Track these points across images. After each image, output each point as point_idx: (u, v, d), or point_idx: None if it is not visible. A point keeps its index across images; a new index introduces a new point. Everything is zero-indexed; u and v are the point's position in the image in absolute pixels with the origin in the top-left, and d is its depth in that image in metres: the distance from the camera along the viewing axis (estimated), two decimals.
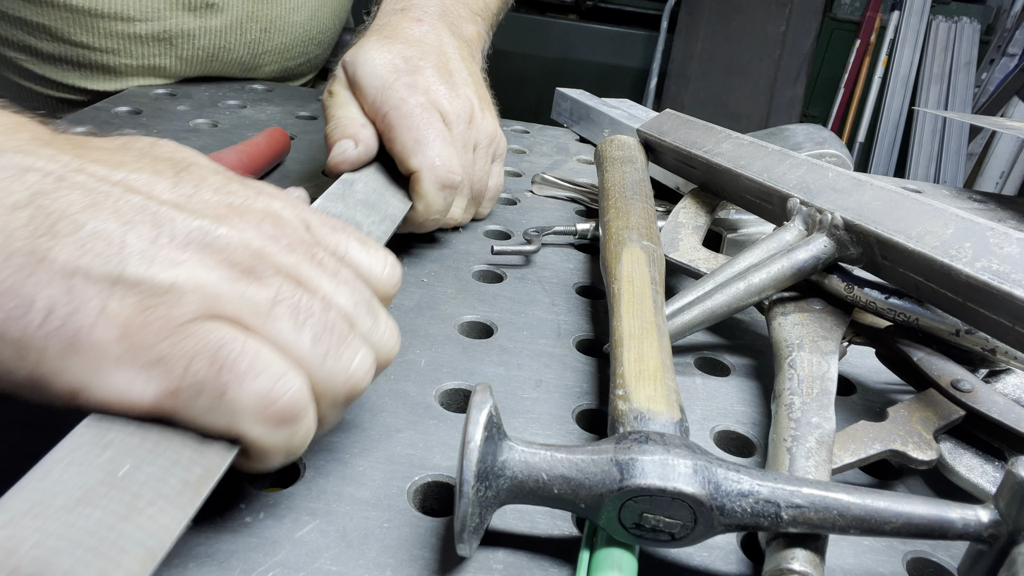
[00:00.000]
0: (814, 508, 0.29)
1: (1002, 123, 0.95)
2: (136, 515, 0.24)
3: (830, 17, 3.16)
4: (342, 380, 0.30)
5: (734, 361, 0.49)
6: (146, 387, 0.27)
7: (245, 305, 0.28)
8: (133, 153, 0.32)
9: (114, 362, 0.27)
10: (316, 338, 0.30)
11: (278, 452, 0.29)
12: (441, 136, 0.53)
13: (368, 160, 0.54)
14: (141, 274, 0.27)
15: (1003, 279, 0.36)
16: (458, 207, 0.58)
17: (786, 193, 0.48)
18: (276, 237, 0.31)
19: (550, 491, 0.30)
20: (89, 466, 0.25)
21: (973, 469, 0.37)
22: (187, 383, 0.27)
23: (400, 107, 0.52)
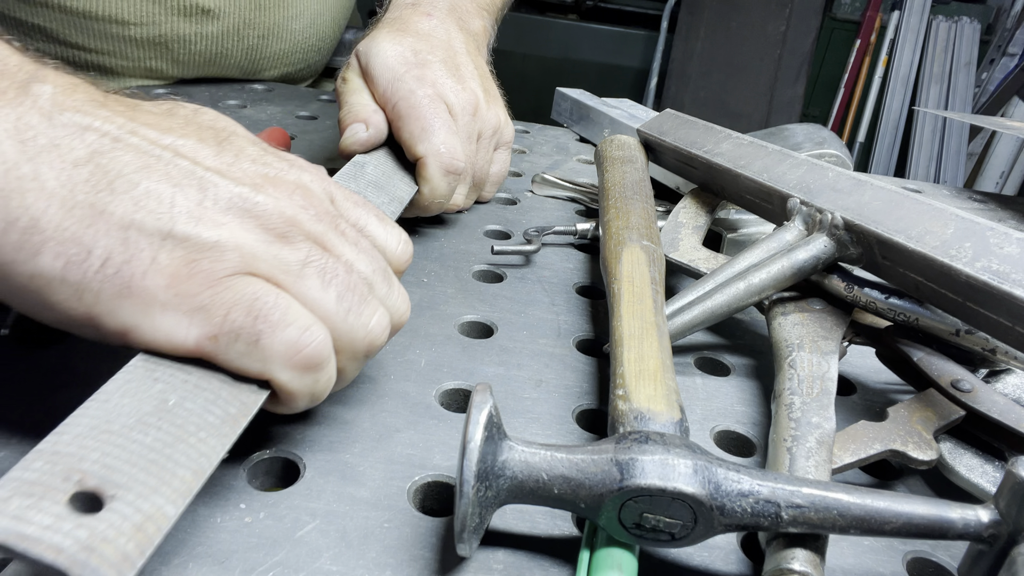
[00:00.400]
0: (814, 508, 0.29)
1: (1002, 123, 0.95)
2: (183, 441, 0.28)
3: (830, 17, 3.16)
4: (362, 335, 0.34)
5: (734, 361, 0.49)
6: (189, 331, 0.31)
7: (278, 265, 0.32)
8: (179, 119, 0.35)
9: (161, 307, 0.30)
10: (340, 296, 0.33)
11: (303, 396, 0.33)
12: (446, 126, 0.56)
13: (378, 143, 0.57)
14: (188, 232, 0.31)
15: (1003, 279, 0.36)
16: (460, 193, 0.62)
17: (786, 193, 0.48)
18: (305, 207, 0.34)
19: (550, 491, 0.30)
20: (142, 397, 0.29)
21: (973, 469, 0.37)
22: (226, 329, 0.31)
23: (409, 98, 0.56)
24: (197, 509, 0.32)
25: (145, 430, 0.28)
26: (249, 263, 0.32)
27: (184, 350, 0.31)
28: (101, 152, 0.31)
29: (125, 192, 0.30)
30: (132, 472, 0.26)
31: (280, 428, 0.38)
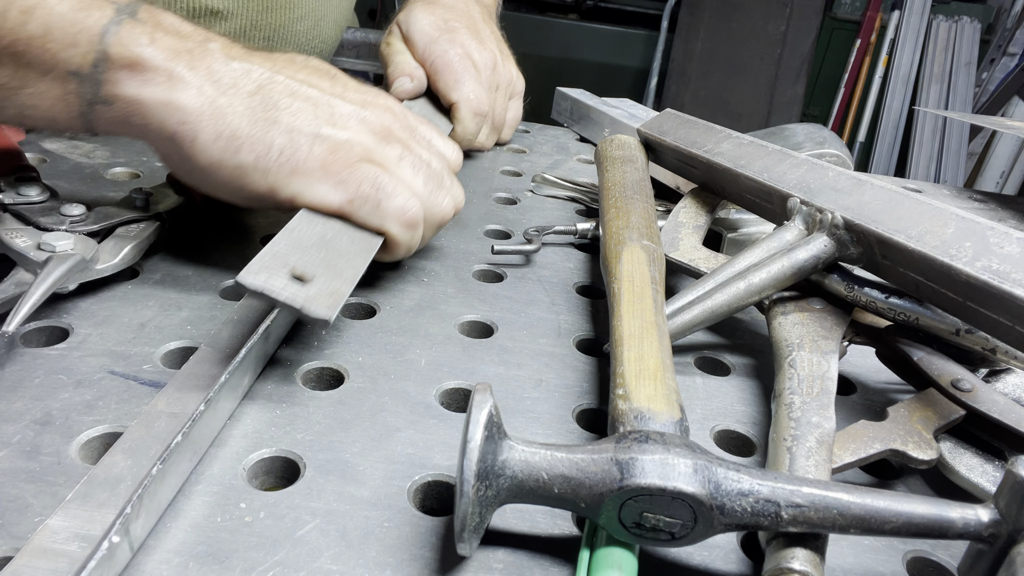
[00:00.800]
0: (814, 507, 0.29)
1: (1002, 123, 0.94)
2: (341, 257, 0.45)
3: (830, 17, 3.16)
4: (439, 210, 0.51)
5: (734, 361, 0.49)
6: (335, 196, 0.47)
7: (387, 156, 0.49)
8: (299, 64, 0.51)
9: (317, 180, 0.47)
10: (425, 182, 0.50)
11: (403, 246, 0.50)
12: (474, 78, 0.72)
13: (420, 92, 0.73)
14: (330, 133, 0.48)
15: (1003, 278, 0.36)
16: (484, 133, 0.77)
17: (786, 192, 0.48)
18: (394, 122, 0.52)
19: (550, 490, 0.30)
20: (312, 232, 0.45)
21: (973, 468, 0.37)
22: (358, 196, 0.47)
23: (443, 56, 0.72)
24: (197, 508, 0.32)
25: (319, 249, 0.44)
26: (369, 154, 0.48)
27: (331, 209, 0.47)
28: (263, 86, 0.47)
29: (285, 109, 0.47)
30: (319, 268, 0.42)
31: (280, 428, 0.38)
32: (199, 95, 0.45)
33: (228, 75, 0.46)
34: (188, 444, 0.33)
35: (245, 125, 0.45)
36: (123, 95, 0.44)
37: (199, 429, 0.34)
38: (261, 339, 0.41)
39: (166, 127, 0.45)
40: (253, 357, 0.40)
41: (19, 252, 0.44)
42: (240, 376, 0.38)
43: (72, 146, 0.70)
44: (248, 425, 0.38)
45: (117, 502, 0.29)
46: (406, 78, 0.72)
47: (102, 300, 0.46)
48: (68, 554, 0.27)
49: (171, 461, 0.31)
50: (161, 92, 0.44)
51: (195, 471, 0.34)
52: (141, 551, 0.30)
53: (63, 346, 0.42)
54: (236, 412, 0.38)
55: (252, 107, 0.46)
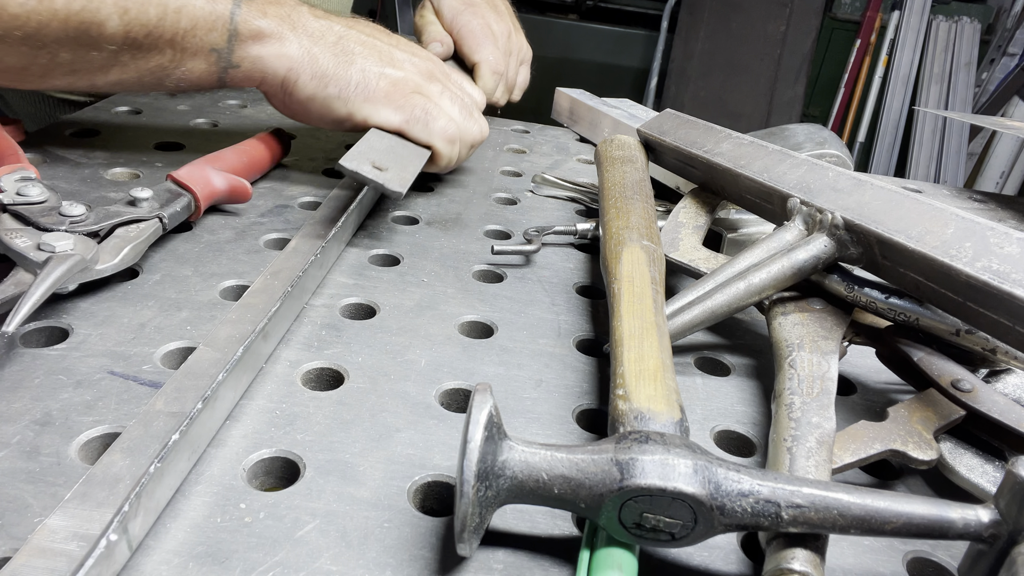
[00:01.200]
0: (814, 508, 0.29)
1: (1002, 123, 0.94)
2: (404, 158, 0.62)
3: (830, 17, 3.16)
4: (471, 133, 0.68)
5: (734, 361, 0.49)
6: (395, 117, 0.64)
7: (432, 90, 0.67)
8: (363, 24, 0.68)
9: (383, 105, 0.64)
10: (461, 110, 0.68)
11: (447, 158, 0.67)
12: (493, 43, 0.84)
13: (448, 55, 0.84)
14: (391, 72, 0.65)
15: (1003, 279, 0.36)
16: (500, 90, 0.86)
17: (786, 193, 0.48)
18: (434, 68, 0.69)
19: (550, 491, 0.30)
20: (382, 141, 0.62)
21: (973, 469, 0.37)
22: (413, 117, 0.64)
23: (468, 25, 0.83)
24: (197, 509, 0.32)
25: (390, 151, 0.61)
26: (419, 88, 0.65)
27: (393, 127, 0.64)
28: (341, 39, 0.64)
29: (358, 55, 0.64)
30: (391, 163, 0.59)
31: (280, 429, 0.38)
32: (299, 47, 0.62)
33: (317, 30, 0.63)
34: (186, 443, 0.33)
35: (331, 66, 0.63)
36: (249, 56, 0.61)
37: (197, 428, 0.34)
38: (259, 338, 0.41)
39: (279, 73, 0.62)
40: (251, 356, 0.40)
41: (19, 252, 0.44)
42: (238, 375, 0.38)
43: (71, 146, 0.70)
44: (248, 425, 0.38)
45: (115, 501, 0.29)
46: (437, 43, 0.83)
47: (102, 300, 0.46)
48: (67, 553, 0.27)
49: (169, 460, 0.31)
50: (275, 49, 0.62)
51: (195, 471, 0.34)
52: (141, 551, 0.30)
53: (63, 346, 0.42)
54: (236, 412, 0.38)
55: (336, 53, 0.63)
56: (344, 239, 0.58)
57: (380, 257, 0.57)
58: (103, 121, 0.78)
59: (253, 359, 0.40)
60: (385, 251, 0.58)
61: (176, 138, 0.75)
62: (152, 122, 0.79)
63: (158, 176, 0.65)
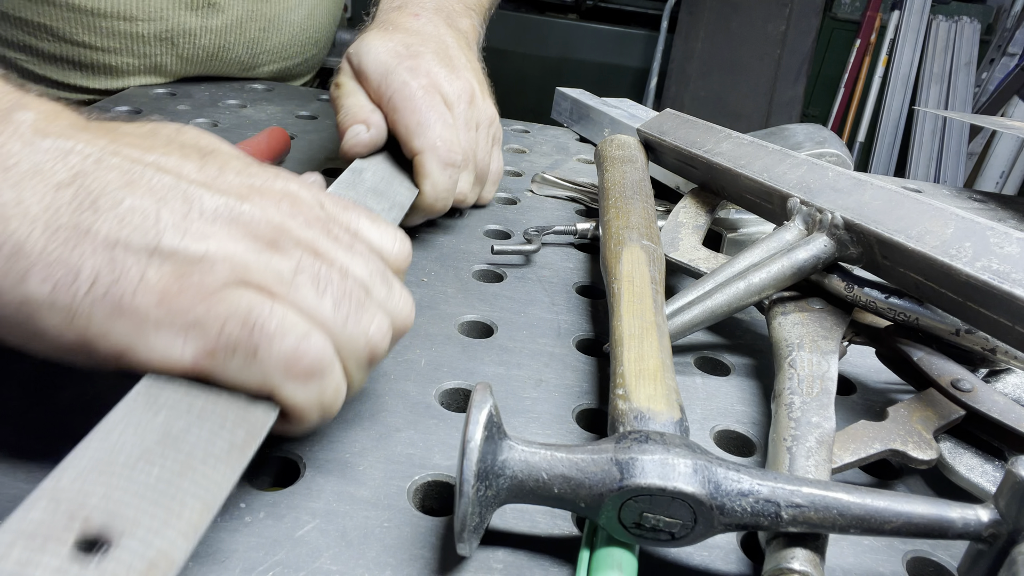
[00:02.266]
0: (814, 507, 0.29)
1: (1002, 123, 0.95)
2: (191, 472, 0.27)
3: (830, 17, 3.16)
4: (363, 343, 0.33)
5: (734, 361, 0.49)
6: (185, 348, 0.30)
7: (270, 274, 0.31)
8: (161, 139, 0.35)
9: (155, 325, 0.29)
10: (336, 303, 0.32)
11: (312, 409, 0.32)
12: (442, 118, 0.55)
13: (380, 143, 0.56)
14: (175, 245, 0.30)
15: (1003, 279, 0.36)
16: (465, 182, 0.60)
17: (786, 193, 0.48)
18: (294, 214, 0.33)
19: (550, 490, 0.30)
20: (145, 428, 0.28)
21: (973, 469, 0.37)
22: (222, 343, 0.29)
23: (403, 90, 0.55)
24: None
25: (150, 464, 0.26)
26: (240, 274, 0.31)
27: (181, 369, 0.30)
28: (84, 173, 0.30)
29: (109, 210, 0.30)
30: (139, 509, 0.25)
31: None
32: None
33: (29, 159, 0.30)
34: None
35: (38, 236, 0.29)
36: None
37: None
38: None
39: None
40: None
41: None
42: None
43: None
44: None
45: None
46: (360, 126, 0.55)
47: None
48: None
49: None
50: None
51: None
52: None
53: None
54: None
55: (56, 207, 0.29)
56: None
57: None
58: (144, 101, 0.78)
59: None
60: None
61: None
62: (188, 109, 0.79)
63: None
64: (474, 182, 0.61)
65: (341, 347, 0.32)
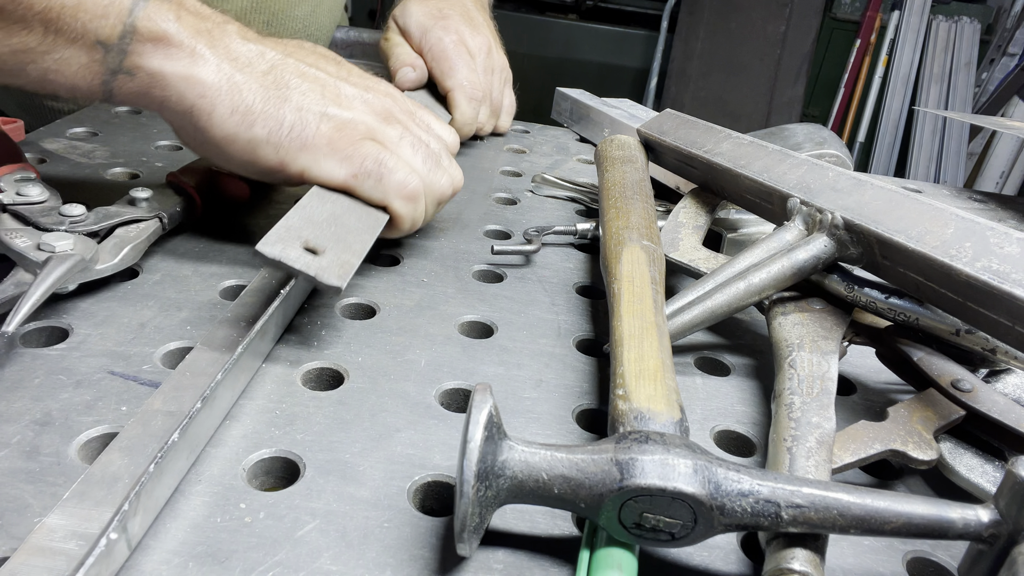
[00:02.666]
0: (814, 508, 0.29)
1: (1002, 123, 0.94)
2: (348, 233, 0.48)
3: (830, 17, 3.16)
4: (438, 187, 0.55)
5: (734, 361, 0.49)
6: (340, 171, 0.51)
7: (388, 134, 0.53)
8: (307, 50, 0.55)
9: (324, 156, 0.50)
10: (424, 160, 0.54)
11: (407, 220, 0.53)
12: (468, 64, 0.75)
13: (423, 82, 0.76)
14: (336, 112, 0.51)
15: (1003, 279, 0.36)
16: (483, 114, 0.79)
17: (786, 193, 0.48)
18: (394, 105, 0.55)
19: (550, 491, 0.30)
20: (321, 210, 0.49)
21: (973, 469, 0.37)
22: (362, 171, 0.51)
23: (439, 44, 0.75)
24: (197, 509, 0.32)
25: (330, 225, 0.47)
26: (371, 133, 0.52)
27: (337, 183, 0.51)
28: (275, 67, 0.51)
29: (295, 89, 0.50)
30: (330, 241, 0.46)
31: (280, 429, 0.38)
32: (218, 71, 0.48)
33: (244, 54, 0.50)
34: (185, 442, 0.33)
35: (259, 101, 0.49)
36: (146, 67, 0.47)
37: (196, 427, 0.34)
38: (257, 337, 0.41)
39: (185, 100, 0.48)
40: (249, 355, 0.40)
41: (19, 252, 0.44)
42: (236, 374, 0.38)
43: (72, 146, 0.70)
44: (248, 425, 0.38)
45: (114, 500, 0.29)
46: (408, 68, 0.75)
47: (102, 300, 0.46)
48: (66, 552, 0.27)
49: (168, 459, 0.31)
50: (183, 67, 0.47)
51: (195, 472, 0.34)
52: (141, 551, 0.30)
53: (63, 346, 0.42)
54: (236, 412, 0.38)
55: (265, 85, 0.49)
56: None
57: (380, 257, 0.57)
58: (103, 121, 0.78)
59: (251, 358, 0.40)
60: (385, 251, 0.58)
61: (176, 138, 0.75)
62: (152, 122, 0.79)
63: (158, 176, 0.65)
64: (490, 115, 0.80)
65: (426, 187, 0.53)
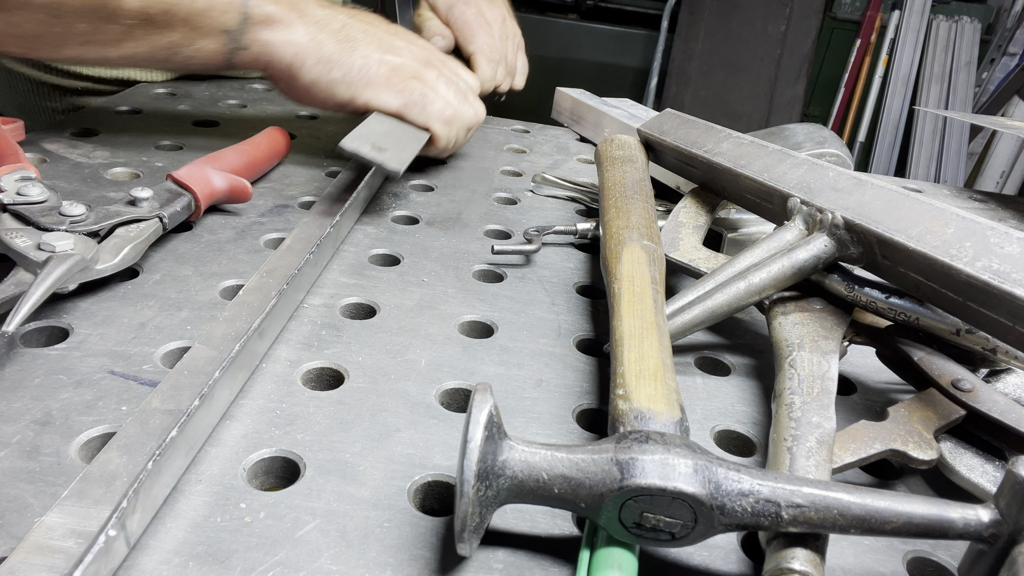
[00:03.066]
0: (814, 507, 0.29)
1: (1003, 122, 0.94)
2: (403, 140, 0.66)
3: (830, 16, 3.16)
4: (467, 116, 0.73)
5: (734, 361, 0.49)
6: (394, 101, 0.68)
7: (428, 75, 0.71)
8: (363, 14, 0.72)
9: (383, 89, 0.68)
10: (455, 95, 0.72)
11: (446, 140, 0.72)
12: (487, 32, 0.88)
13: (451, 48, 0.88)
14: (390, 58, 0.69)
15: (1003, 278, 0.36)
16: (500, 75, 0.90)
17: (786, 192, 0.48)
18: (431, 56, 0.73)
19: (550, 490, 0.30)
20: (382, 125, 0.67)
21: (974, 469, 0.37)
22: (412, 100, 0.68)
23: (462, 16, 0.88)
24: (197, 509, 0.32)
25: (390, 134, 0.65)
26: (417, 73, 0.70)
27: (392, 109, 0.68)
28: (344, 26, 0.68)
29: (361, 41, 0.68)
30: (390, 144, 0.63)
31: (280, 428, 0.38)
32: (306, 33, 0.66)
33: (323, 18, 0.67)
34: (183, 440, 0.33)
35: (335, 52, 0.66)
36: (259, 40, 0.65)
37: (193, 426, 0.34)
38: (255, 336, 0.41)
39: (285, 59, 0.66)
40: (247, 354, 0.40)
41: (19, 252, 0.44)
42: (234, 373, 0.38)
43: (72, 146, 0.70)
44: (248, 425, 0.38)
45: (113, 498, 0.29)
46: (438, 37, 0.86)
47: (102, 300, 0.46)
48: (65, 550, 0.27)
49: (166, 457, 0.31)
50: (283, 34, 0.65)
51: (195, 471, 0.34)
52: (141, 551, 0.30)
53: (63, 346, 0.42)
54: (236, 412, 0.38)
55: (340, 40, 0.67)
56: (340, 237, 0.58)
57: (380, 257, 0.57)
58: (103, 121, 0.78)
59: (249, 357, 0.40)
60: (385, 251, 0.58)
61: (176, 138, 0.75)
62: (152, 122, 0.79)
63: (158, 176, 0.65)
64: (506, 74, 0.91)
65: (458, 116, 0.71)
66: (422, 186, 0.72)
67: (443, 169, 0.77)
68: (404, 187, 0.71)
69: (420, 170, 0.76)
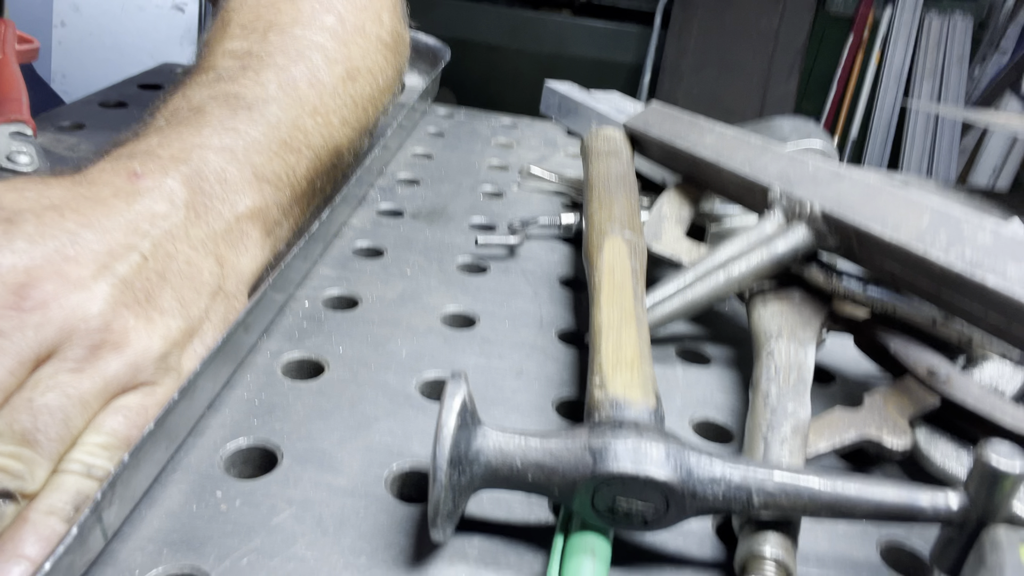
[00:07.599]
0: (785, 493, 0.29)
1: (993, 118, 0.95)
2: None
3: (823, 13, 3.16)
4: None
5: (714, 351, 0.49)
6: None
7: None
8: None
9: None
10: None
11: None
12: None
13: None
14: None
15: (975, 267, 0.36)
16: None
17: (766, 184, 0.48)
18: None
19: (524, 477, 0.30)
20: None
21: (948, 456, 0.38)
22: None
23: None
24: (173, 497, 0.32)
25: None
26: None
27: None
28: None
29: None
30: None
31: (258, 418, 0.38)
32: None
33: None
34: (163, 434, 0.33)
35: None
36: None
37: (175, 419, 0.34)
38: (240, 330, 0.41)
39: None
40: (231, 348, 0.40)
41: None
42: (218, 367, 0.38)
43: (57, 139, 0.70)
44: (226, 415, 0.38)
45: None
46: None
47: None
48: None
49: (145, 451, 0.31)
50: None
51: (172, 461, 0.34)
52: (116, 538, 0.30)
53: None
54: (215, 401, 0.38)
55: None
56: (330, 232, 0.58)
57: (364, 249, 0.57)
58: (89, 115, 0.78)
59: (234, 350, 0.40)
60: (369, 243, 0.58)
61: None
62: (136, 115, 0.79)
63: None
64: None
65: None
66: (408, 180, 0.72)
67: (429, 163, 0.78)
68: (390, 180, 0.71)
69: (405, 164, 0.75)
